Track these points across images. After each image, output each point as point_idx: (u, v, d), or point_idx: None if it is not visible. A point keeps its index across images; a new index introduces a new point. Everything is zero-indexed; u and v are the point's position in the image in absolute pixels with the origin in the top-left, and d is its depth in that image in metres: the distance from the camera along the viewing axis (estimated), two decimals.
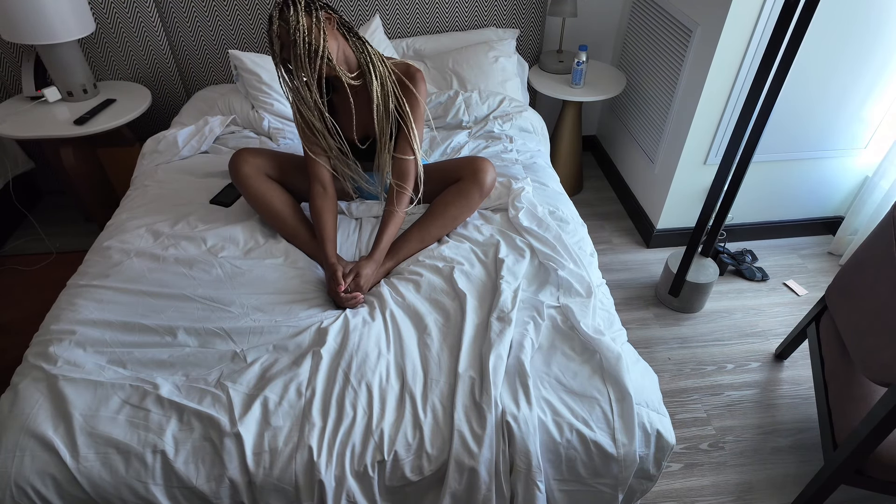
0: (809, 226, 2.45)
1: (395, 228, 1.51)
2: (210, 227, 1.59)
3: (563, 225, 1.61)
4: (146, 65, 2.29)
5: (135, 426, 1.12)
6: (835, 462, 1.34)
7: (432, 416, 1.15)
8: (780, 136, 2.09)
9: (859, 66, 1.93)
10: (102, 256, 1.50)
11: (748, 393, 1.85)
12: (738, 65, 1.89)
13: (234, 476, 1.08)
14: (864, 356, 1.33)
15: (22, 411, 1.12)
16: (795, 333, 1.84)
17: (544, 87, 2.38)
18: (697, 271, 2.04)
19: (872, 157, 2.21)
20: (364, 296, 1.43)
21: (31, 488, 1.05)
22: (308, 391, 1.17)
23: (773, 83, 1.55)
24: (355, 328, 1.30)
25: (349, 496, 1.09)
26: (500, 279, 1.41)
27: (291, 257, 1.52)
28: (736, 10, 1.76)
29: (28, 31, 1.87)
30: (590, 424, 1.15)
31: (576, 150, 2.58)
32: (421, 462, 1.11)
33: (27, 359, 1.25)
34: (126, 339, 1.28)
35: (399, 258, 1.54)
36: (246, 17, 2.23)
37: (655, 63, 2.26)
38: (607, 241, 2.46)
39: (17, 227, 2.51)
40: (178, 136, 1.93)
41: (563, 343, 1.29)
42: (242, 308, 1.36)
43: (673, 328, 2.06)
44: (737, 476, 1.62)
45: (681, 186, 2.21)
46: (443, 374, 1.22)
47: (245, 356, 1.25)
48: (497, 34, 2.38)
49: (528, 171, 1.87)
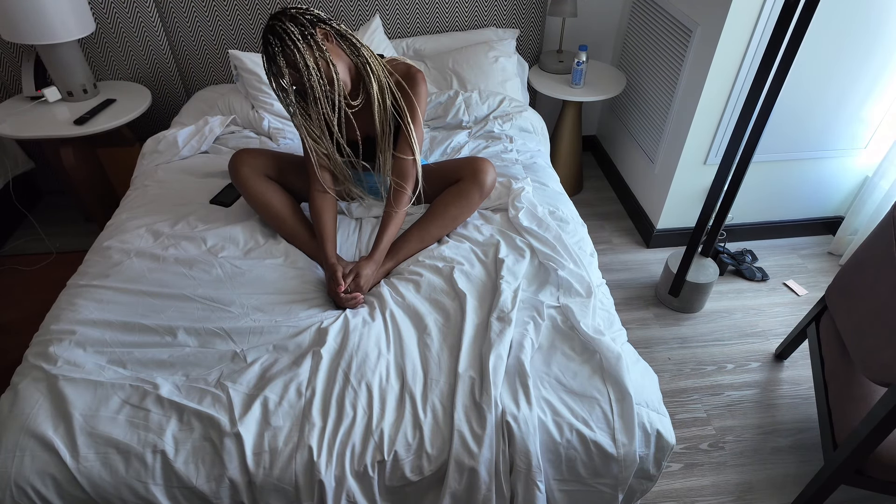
0: (809, 226, 2.45)
1: (395, 229, 1.51)
2: (210, 227, 1.59)
3: (563, 225, 1.61)
4: (146, 65, 2.29)
5: (135, 426, 1.12)
6: (835, 462, 1.34)
7: (432, 416, 1.15)
8: (780, 136, 2.09)
9: (859, 66, 1.93)
10: (102, 256, 1.50)
11: (748, 393, 1.85)
12: (738, 65, 1.89)
13: (234, 476, 1.08)
14: (864, 356, 1.33)
15: (22, 411, 1.12)
16: (795, 333, 1.84)
17: (544, 87, 2.38)
18: (697, 271, 2.04)
19: (872, 157, 2.21)
20: (364, 296, 1.43)
21: (31, 488, 1.05)
22: (308, 391, 1.17)
23: (773, 83, 1.55)
24: (355, 328, 1.30)
25: (349, 496, 1.09)
26: (500, 279, 1.40)
27: (291, 257, 1.52)
28: (736, 10, 1.76)
29: (28, 31, 1.87)
30: (590, 424, 1.15)
31: (576, 150, 2.58)
32: (421, 462, 1.11)
33: (27, 359, 1.25)
34: (126, 339, 1.28)
35: (399, 258, 1.54)
36: (246, 17, 2.23)
37: (655, 63, 2.26)
38: (607, 241, 2.46)
39: (17, 227, 2.51)
40: (178, 136, 1.93)
41: (563, 343, 1.29)
42: (242, 308, 1.36)
43: (673, 328, 2.06)
44: (737, 476, 1.62)
45: (681, 186, 2.21)
46: (443, 374, 1.22)
47: (245, 356, 1.25)
48: (497, 34, 2.38)
49: (528, 171, 1.87)
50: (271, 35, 1.32)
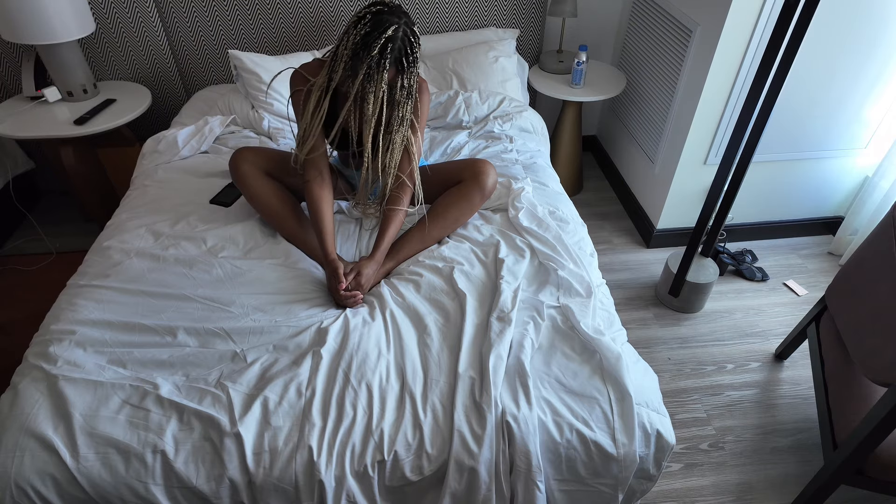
0: (809, 226, 2.45)
1: (396, 229, 1.51)
2: (210, 227, 1.59)
3: (563, 225, 1.61)
4: (146, 65, 2.29)
5: (135, 426, 1.12)
6: (835, 462, 1.34)
7: (432, 416, 1.15)
8: (780, 136, 2.09)
9: (859, 66, 1.93)
10: (102, 256, 1.50)
11: (748, 393, 1.85)
12: (738, 65, 1.89)
13: (234, 476, 1.08)
14: (864, 356, 1.33)
15: (22, 411, 1.12)
16: (795, 333, 1.84)
17: (544, 87, 2.38)
18: (697, 271, 2.04)
19: (872, 157, 2.21)
20: (364, 295, 1.43)
21: (30, 488, 1.05)
22: (308, 391, 1.17)
23: (773, 83, 1.55)
24: (355, 328, 1.30)
25: (349, 496, 1.09)
26: (500, 279, 1.41)
27: (292, 257, 1.52)
28: (736, 11, 1.76)
29: (28, 31, 1.87)
30: (590, 424, 1.15)
31: (576, 150, 2.58)
32: (421, 462, 1.11)
33: (27, 359, 1.25)
34: (126, 338, 1.28)
35: (399, 258, 1.54)
36: (246, 17, 2.23)
37: (655, 63, 2.26)
38: (607, 241, 2.46)
39: (17, 227, 2.51)
40: (178, 135, 1.93)
41: (563, 343, 1.29)
42: (242, 308, 1.36)
43: (673, 328, 2.06)
44: (737, 476, 1.62)
45: (681, 186, 2.21)
46: (443, 374, 1.22)
47: (245, 356, 1.25)
48: (497, 34, 2.38)
49: (528, 171, 1.87)
50: (391, 29, 1.29)
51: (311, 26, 2.30)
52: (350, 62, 1.31)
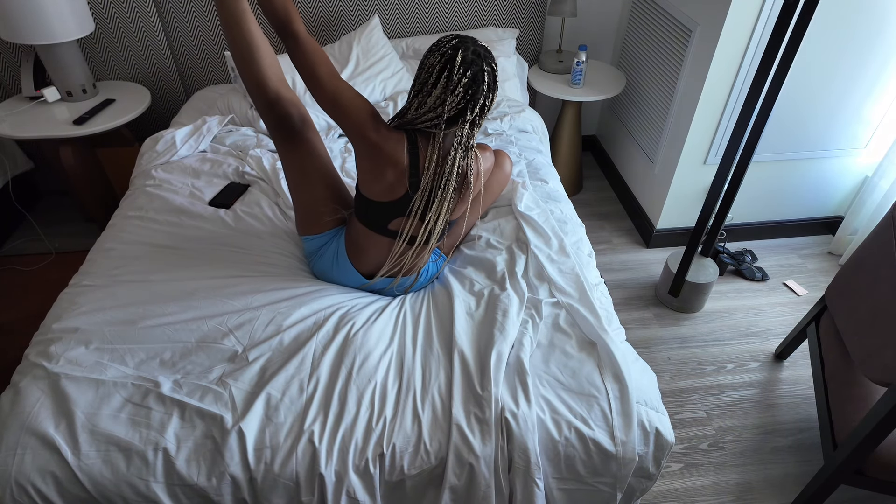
0: (809, 226, 2.45)
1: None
2: (210, 227, 1.59)
3: (562, 225, 1.62)
4: (145, 65, 2.29)
5: (136, 424, 1.12)
6: (835, 462, 1.34)
7: (431, 412, 1.15)
8: (780, 136, 2.10)
9: (859, 66, 1.93)
10: (103, 256, 1.50)
11: (748, 393, 1.85)
12: (738, 65, 1.89)
13: (235, 473, 1.08)
14: (864, 356, 1.33)
15: (23, 409, 1.12)
16: (795, 333, 1.84)
17: (544, 87, 2.38)
18: (697, 271, 2.04)
19: (872, 157, 2.21)
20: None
21: (31, 486, 1.05)
22: (310, 387, 1.18)
23: (772, 83, 1.55)
24: (357, 325, 1.30)
25: (350, 492, 1.10)
26: (499, 278, 1.41)
27: (294, 257, 1.52)
28: (736, 10, 1.76)
29: (27, 31, 1.87)
30: (588, 422, 1.16)
31: (576, 150, 2.58)
32: (420, 456, 1.11)
33: (28, 358, 1.24)
34: (128, 337, 1.28)
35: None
36: None
37: (655, 63, 2.26)
38: (607, 240, 2.46)
39: (17, 227, 2.51)
40: (177, 135, 1.93)
41: (562, 341, 1.29)
42: (245, 305, 1.36)
43: (673, 328, 2.06)
44: (737, 476, 1.62)
45: (681, 186, 2.21)
46: (442, 371, 1.22)
47: (247, 354, 1.25)
48: (497, 34, 2.38)
49: (528, 171, 1.87)
50: (483, 75, 1.18)
51: (311, 26, 2.30)
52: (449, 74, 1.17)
